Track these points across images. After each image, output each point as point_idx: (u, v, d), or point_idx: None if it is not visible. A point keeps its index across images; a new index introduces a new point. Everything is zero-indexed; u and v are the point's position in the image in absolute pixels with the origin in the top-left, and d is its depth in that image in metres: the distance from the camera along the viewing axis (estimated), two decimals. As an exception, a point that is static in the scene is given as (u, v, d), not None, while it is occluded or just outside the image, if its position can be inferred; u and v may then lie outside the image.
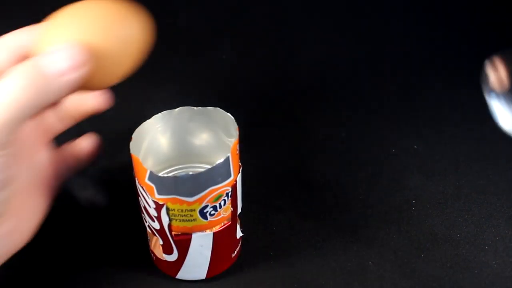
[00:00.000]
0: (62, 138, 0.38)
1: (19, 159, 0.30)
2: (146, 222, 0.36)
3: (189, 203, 0.32)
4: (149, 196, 0.33)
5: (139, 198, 0.35)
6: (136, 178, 0.34)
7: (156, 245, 0.37)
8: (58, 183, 0.36)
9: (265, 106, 0.55)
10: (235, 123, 0.35)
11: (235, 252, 0.38)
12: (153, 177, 0.32)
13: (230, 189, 0.34)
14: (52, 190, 0.36)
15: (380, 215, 0.43)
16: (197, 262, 0.36)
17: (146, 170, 0.31)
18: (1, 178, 0.28)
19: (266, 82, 0.58)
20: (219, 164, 0.32)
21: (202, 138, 0.38)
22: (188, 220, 0.33)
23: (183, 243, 0.35)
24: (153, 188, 0.32)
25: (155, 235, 0.35)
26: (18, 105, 0.27)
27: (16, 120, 0.27)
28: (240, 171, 0.35)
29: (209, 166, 0.32)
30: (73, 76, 0.28)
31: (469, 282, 0.38)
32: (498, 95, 0.23)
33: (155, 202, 0.33)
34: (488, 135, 0.49)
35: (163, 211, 0.33)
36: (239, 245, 0.39)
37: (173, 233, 0.34)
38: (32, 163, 0.34)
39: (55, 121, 0.36)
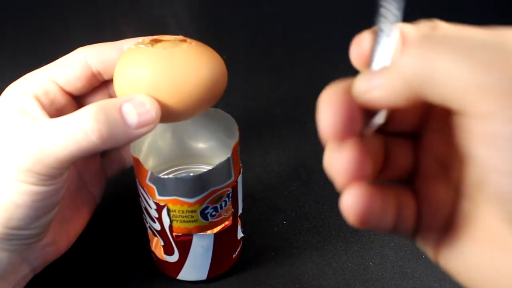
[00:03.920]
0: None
1: (67, 182, 0.31)
2: (147, 223, 0.36)
3: (190, 204, 0.32)
4: (150, 197, 0.33)
5: (140, 199, 0.35)
6: (137, 179, 0.34)
7: (157, 246, 0.37)
8: (101, 192, 0.36)
9: (266, 106, 0.55)
10: (236, 124, 0.35)
11: (236, 253, 0.38)
12: (154, 178, 0.32)
13: (231, 190, 0.34)
14: (95, 200, 0.36)
15: (380, 215, 0.43)
16: (198, 262, 0.36)
17: (147, 171, 0.31)
18: (50, 202, 0.28)
19: (267, 82, 0.58)
20: (220, 165, 0.32)
21: (202, 139, 0.38)
22: (189, 221, 0.33)
23: (184, 244, 0.35)
24: (154, 189, 0.32)
25: (156, 236, 0.35)
26: (85, 146, 0.27)
27: (76, 157, 0.27)
28: (241, 172, 0.35)
29: (210, 167, 0.32)
30: (146, 130, 0.28)
31: (470, 282, 0.38)
32: None
33: (156, 203, 0.33)
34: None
35: (164, 212, 0.33)
36: (240, 245, 0.39)
37: (174, 234, 0.34)
38: (78, 182, 0.34)
39: None
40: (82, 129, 0.26)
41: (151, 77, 0.28)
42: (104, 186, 0.36)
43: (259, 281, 0.38)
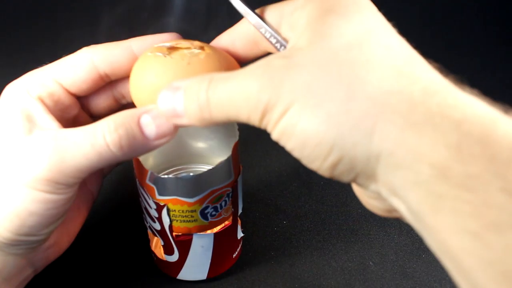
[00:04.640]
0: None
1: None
2: (147, 223, 0.36)
3: (190, 204, 0.32)
4: (150, 197, 0.33)
5: (140, 199, 0.35)
6: (137, 179, 0.34)
7: (157, 245, 0.37)
8: (99, 188, 0.36)
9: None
10: (236, 124, 0.35)
11: (236, 253, 0.38)
12: (154, 178, 0.32)
13: (231, 190, 0.34)
14: (93, 197, 0.36)
15: (380, 215, 0.43)
16: (198, 262, 0.36)
17: (147, 171, 0.31)
18: (61, 210, 0.29)
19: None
20: (220, 165, 0.32)
21: (202, 139, 0.38)
22: (189, 220, 0.33)
23: (184, 244, 0.35)
24: (154, 189, 0.32)
25: (156, 236, 0.35)
26: (106, 157, 0.27)
27: (96, 168, 0.27)
28: (241, 172, 0.35)
29: (210, 167, 0.32)
30: (164, 141, 0.28)
31: (470, 282, 0.38)
32: None
33: (156, 203, 0.33)
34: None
35: (164, 212, 0.33)
36: (240, 245, 0.39)
37: (174, 234, 0.34)
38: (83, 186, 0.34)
39: None
40: (104, 141, 0.26)
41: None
42: (101, 182, 0.36)
43: (259, 281, 0.38)
